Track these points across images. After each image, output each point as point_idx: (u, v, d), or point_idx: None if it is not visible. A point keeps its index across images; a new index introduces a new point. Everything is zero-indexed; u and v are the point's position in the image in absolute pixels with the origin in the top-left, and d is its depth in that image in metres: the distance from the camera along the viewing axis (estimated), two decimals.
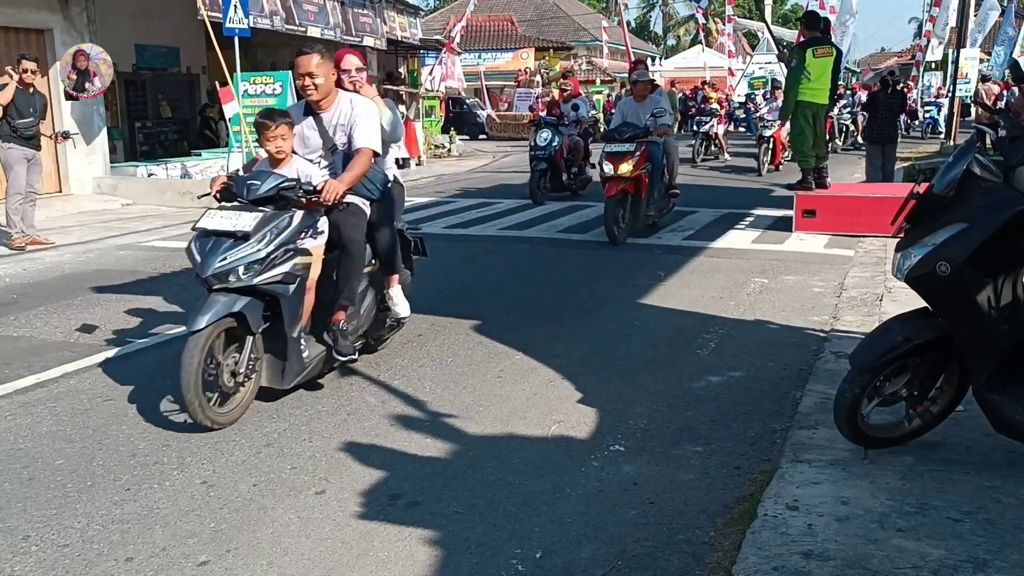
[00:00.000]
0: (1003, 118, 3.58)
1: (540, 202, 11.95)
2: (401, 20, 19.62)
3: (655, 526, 3.12)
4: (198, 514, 3.27)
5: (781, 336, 5.53)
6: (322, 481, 3.54)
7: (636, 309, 6.31)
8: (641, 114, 9.12)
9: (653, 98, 9.28)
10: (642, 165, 8.60)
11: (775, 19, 45.99)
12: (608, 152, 8.62)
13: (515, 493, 3.40)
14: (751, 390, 4.55)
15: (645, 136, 8.79)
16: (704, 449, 3.81)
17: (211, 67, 17.05)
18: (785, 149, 16.41)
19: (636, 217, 8.87)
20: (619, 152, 8.57)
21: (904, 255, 3.28)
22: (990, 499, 3.07)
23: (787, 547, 2.78)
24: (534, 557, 2.93)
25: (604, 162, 8.59)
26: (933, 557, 2.69)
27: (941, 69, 30.53)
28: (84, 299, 6.75)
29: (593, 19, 43.45)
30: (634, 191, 8.68)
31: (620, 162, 8.48)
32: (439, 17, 37.50)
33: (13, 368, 5.01)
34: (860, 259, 7.82)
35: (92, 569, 2.90)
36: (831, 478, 3.28)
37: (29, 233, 9.18)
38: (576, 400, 4.44)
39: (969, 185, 3.14)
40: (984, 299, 3.10)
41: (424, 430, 4.06)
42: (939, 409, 3.49)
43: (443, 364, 5.06)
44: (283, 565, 2.91)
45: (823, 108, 9.55)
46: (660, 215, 9.40)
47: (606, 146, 8.77)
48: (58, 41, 12.35)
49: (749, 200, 12.06)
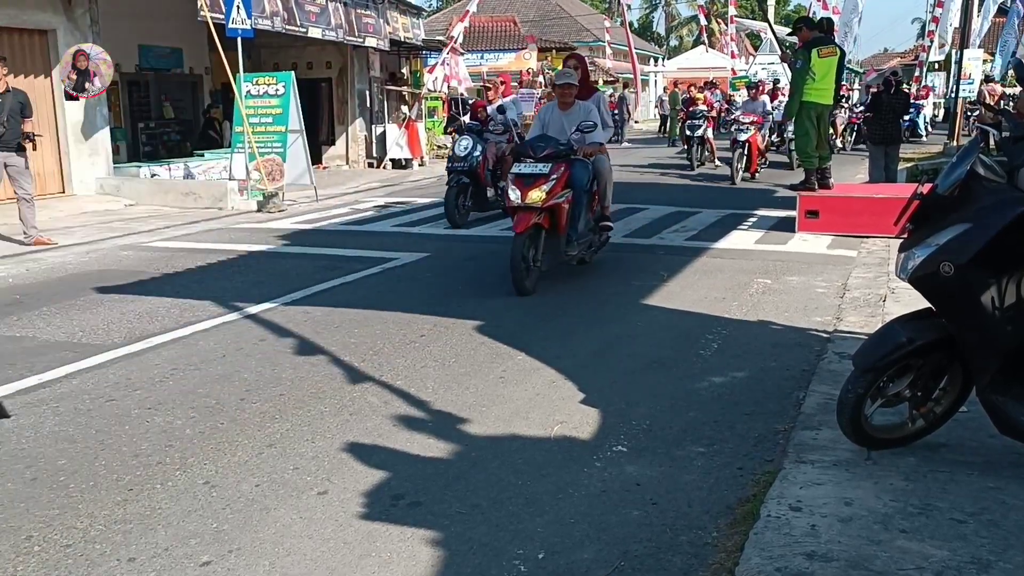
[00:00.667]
0: (1006, 118, 3.57)
1: (459, 225, 9.95)
2: (404, 21, 19.62)
3: (658, 527, 3.12)
4: (200, 514, 3.27)
5: (784, 337, 5.52)
6: (324, 481, 3.53)
7: (639, 310, 6.31)
8: (566, 126, 7.16)
9: (584, 106, 7.35)
10: (559, 192, 6.72)
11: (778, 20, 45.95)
12: (516, 175, 6.79)
13: (518, 494, 3.40)
14: (754, 391, 4.54)
15: (568, 154, 6.93)
16: (707, 450, 3.80)
17: (214, 68, 17.08)
18: (762, 155, 15.74)
19: (553, 257, 7.05)
20: (530, 175, 6.73)
21: (908, 255, 3.27)
22: (994, 500, 3.06)
23: (790, 548, 2.77)
24: (537, 558, 2.93)
25: (511, 187, 6.78)
26: (936, 558, 2.68)
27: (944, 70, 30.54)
28: (87, 300, 6.76)
29: (596, 20, 43.50)
30: (549, 225, 6.83)
31: (530, 187, 6.63)
32: (442, 18, 37.53)
33: (16, 368, 5.02)
34: (863, 260, 7.81)
35: (95, 569, 2.90)
36: (834, 479, 3.28)
37: (31, 234, 9.19)
38: (579, 401, 4.43)
39: (973, 185, 3.13)
40: (988, 299, 3.10)
41: (427, 430, 4.06)
42: (942, 410, 3.48)
43: (445, 364, 5.06)
44: (285, 565, 2.91)
45: (827, 108, 9.57)
46: (589, 253, 7.53)
47: (515, 166, 6.94)
48: (61, 42, 12.36)
49: (749, 201, 12.04)
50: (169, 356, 5.25)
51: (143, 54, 16.23)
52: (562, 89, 7.36)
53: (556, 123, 7.29)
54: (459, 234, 9.70)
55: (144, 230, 10.38)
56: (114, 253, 8.95)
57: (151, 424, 4.16)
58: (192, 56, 17.37)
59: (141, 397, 4.54)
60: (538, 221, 6.67)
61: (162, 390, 4.63)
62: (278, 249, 9.03)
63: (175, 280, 7.50)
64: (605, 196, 7.57)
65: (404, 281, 7.40)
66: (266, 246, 9.11)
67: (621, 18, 33.04)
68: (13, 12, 11.68)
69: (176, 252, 8.83)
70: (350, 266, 7.89)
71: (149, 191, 13.06)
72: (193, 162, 14.88)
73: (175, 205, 12.48)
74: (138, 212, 12.05)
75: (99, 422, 4.20)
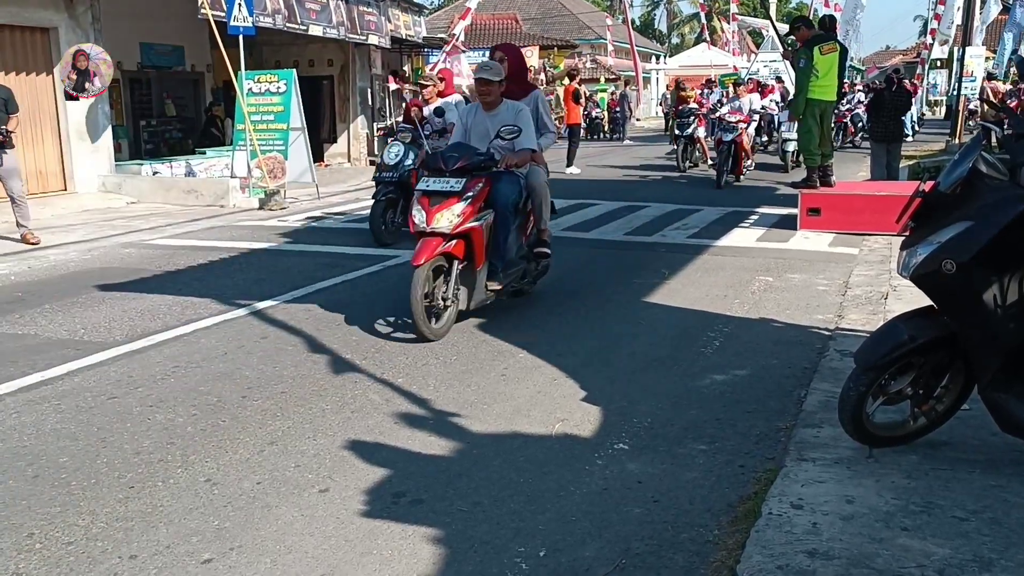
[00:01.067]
0: (1009, 115, 3.56)
1: (387, 244, 8.60)
2: (405, 18, 19.63)
3: (659, 524, 3.12)
4: (202, 512, 3.27)
5: (786, 334, 5.51)
6: (326, 479, 3.54)
7: (640, 307, 6.31)
8: (491, 131, 5.78)
9: (511, 107, 5.96)
10: (475, 213, 5.47)
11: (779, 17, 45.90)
12: (423, 192, 5.53)
13: (519, 491, 3.40)
14: (756, 388, 4.54)
15: (489, 166, 5.69)
16: (708, 447, 3.80)
17: (216, 65, 17.07)
18: (748, 157, 14.86)
19: (471, 294, 5.65)
20: (439, 192, 5.44)
21: (910, 253, 3.27)
22: (996, 498, 3.06)
23: (792, 546, 2.77)
24: (538, 555, 2.93)
25: (415, 207, 5.50)
26: (938, 556, 2.68)
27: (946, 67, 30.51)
28: (88, 297, 6.76)
29: (597, 17, 43.47)
30: (464, 254, 5.51)
31: (439, 208, 5.36)
32: (443, 15, 37.51)
33: (18, 366, 5.02)
34: (865, 257, 7.80)
35: (96, 567, 2.90)
36: (836, 477, 3.28)
37: (20, 231, 9.19)
38: (580, 398, 4.43)
39: (975, 183, 3.13)
40: (990, 297, 3.09)
41: (428, 428, 4.06)
42: (944, 408, 3.48)
43: (447, 362, 5.06)
44: (287, 563, 2.91)
45: (831, 105, 9.58)
46: (524, 284, 6.25)
47: (422, 181, 5.66)
48: (63, 40, 12.37)
49: (752, 199, 12.03)
50: (171, 354, 5.25)
51: (145, 52, 16.23)
52: (480, 86, 5.95)
53: (480, 128, 5.94)
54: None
55: (146, 228, 10.38)
56: (116, 251, 8.95)
57: (152, 422, 4.16)
58: (194, 54, 17.38)
59: (143, 395, 4.54)
60: (447, 250, 5.38)
61: (163, 387, 4.64)
62: (280, 247, 9.03)
63: (177, 278, 7.51)
64: (541, 216, 6.20)
65: (406, 279, 7.37)
66: (268, 244, 9.11)
67: (623, 15, 33.04)
68: (15, 10, 11.68)
69: (178, 250, 8.84)
70: (352, 264, 7.89)
71: (151, 189, 13.06)
72: (195, 160, 14.89)
73: (177, 203, 12.49)
74: (140, 210, 12.05)
75: (101, 419, 4.20)
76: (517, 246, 6.00)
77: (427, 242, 5.33)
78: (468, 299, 5.62)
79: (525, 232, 6.18)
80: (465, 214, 5.40)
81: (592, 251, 8.49)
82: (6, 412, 4.31)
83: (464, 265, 5.53)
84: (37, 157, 12.32)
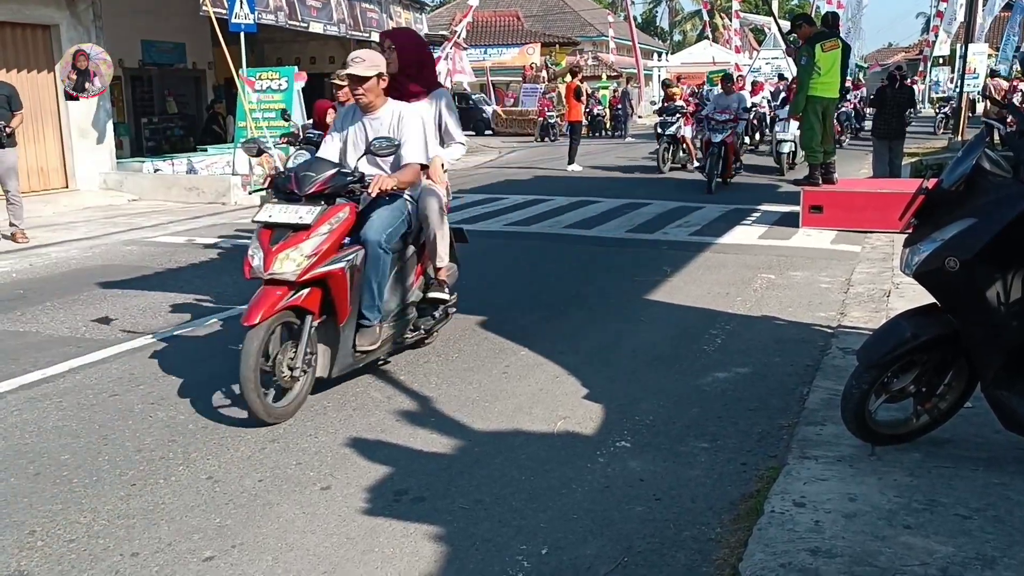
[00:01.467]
0: (1012, 112, 3.55)
1: None
2: (407, 16, 19.60)
3: (661, 522, 3.11)
4: (203, 509, 3.27)
5: (788, 332, 5.51)
6: (327, 477, 3.53)
7: (642, 305, 6.30)
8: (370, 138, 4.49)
9: (394, 109, 4.63)
10: (331, 253, 4.11)
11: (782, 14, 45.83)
12: (262, 224, 4.20)
13: (521, 489, 3.39)
14: (758, 386, 4.53)
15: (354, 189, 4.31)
16: (710, 445, 3.79)
17: (217, 63, 17.08)
18: (737, 159, 13.81)
19: (334, 357, 4.28)
20: (283, 224, 4.13)
21: (912, 250, 3.26)
22: (999, 496, 3.05)
23: (794, 544, 2.76)
24: (540, 553, 2.92)
25: (252, 246, 4.16)
26: (941, 554, 2.67)
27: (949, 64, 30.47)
28: (90, 294, 6.76)
29: (599, 14, 43.42)
30: (319, 308, 4.14)
31: (281, 246, 4.04)
32: (445, 12, 37.49)
33: (20, 363, 5.02)
34: (867, 255, 7.79)
35: (98, 564, 2.90)
36: (838, 474, 3.27)
37: (10, 229, 9.16)
38: (582, 396, 4.43)
39: (978, 180, 3.12)
40: (993, 295, 3.08)
41: (429, 426, 4.05)
42: (947, 405, 3.47)
43: (448, 360, 5.05)
44: (288, 561, 2.91)
45: (833, 103, 9.56)
46: (413, 339, 4.92)
47: (263, 209, 4.28)
48: (64, 37, 12.37)
49: (754, 197, 12.02)
50: (172, 351, 5.25)
51: (146, 49, 16.24)
52: (350, 84, 4.64)
53: (358, 136, 4.66)
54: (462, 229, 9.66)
55: (147, 225, 10.38)
56: (117, 248, 8.95)
57: (154, 419, 4.16)
58: (195, 51, 17.38)
59: (144, 392, 4.54)
60: (295, 303, 4.01)
61: (165, 385, 4.63)
62: None
63: (178, 275, 7.51)
64: (435, 252, 4.85)
65: None
66: None
67: (625, 13, 33.00)
68: (16, 7, 11.68)
69: (179, 247, 8.84)
70: None
71: (152, 186, 13.07)
72: (196, 157, 14.89)
73: (178, 200, 12.49)
74: (141, 207, 12.06)
75: (102, 417, 4.20)
76: (402, 292, 4.73)
77: (266, 293, 3.97)
78: (330, 364, 4.26)
79: (416, 272, 4.88)
80: (319, 254, 4.01)
81: (593, 249, 8.48)
82: (7, 410, 4.31)
83: (323, 320, 4.19)
84: (38, 154, 12.33)
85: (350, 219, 4.25)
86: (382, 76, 4.58)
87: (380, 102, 4.65)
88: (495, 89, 32.52)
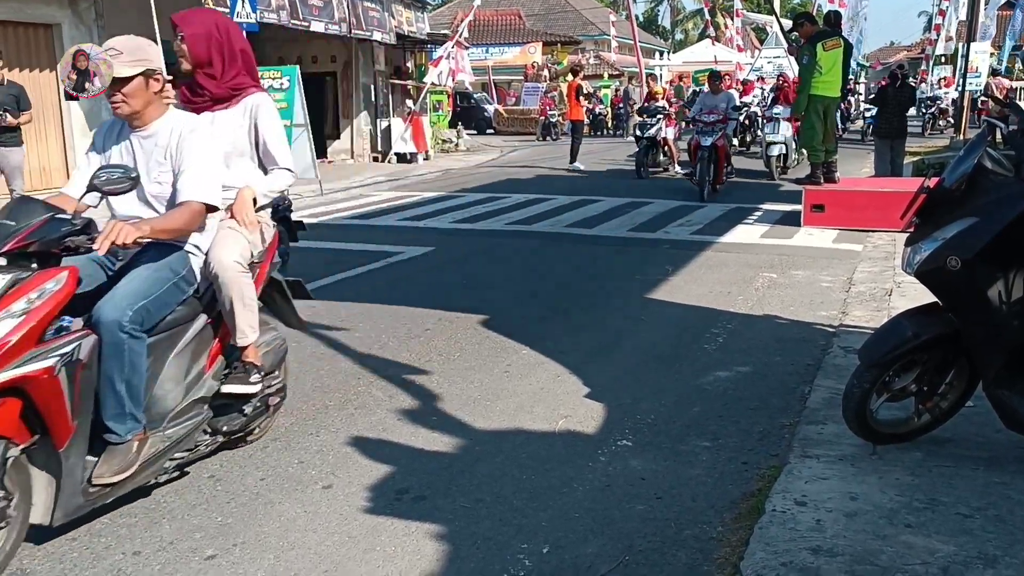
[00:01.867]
0: (1014, 112, 3.55)
1: None
2: (408, 15, 19.59)
3: (662, 521, 3.11)
4: (205, 508, 3.27)
5: (789, 331, 5.50)
6: (329, 475, 3.54)
7: (644, 304, 6.30)
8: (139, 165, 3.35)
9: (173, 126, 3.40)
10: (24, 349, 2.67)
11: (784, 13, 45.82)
12: None
13: (522, 488, 3.40)
14: (759, 385, 4.53)
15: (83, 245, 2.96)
16: (712, 444, 3.79)
17: None
18: (728, 162, 12.72)
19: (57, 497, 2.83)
20: None
21: (914, 249, 3.26)
22: (1000, 495, 3.05)
23: (795, 543, 2.77)
24: (541, 552, 2.93)
25: None
26: (942, 553, 2.67)
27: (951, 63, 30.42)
28: None
29: (601, 13, 43.36)
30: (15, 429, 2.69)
31: None
32: (446, 11, 37.47)
33: None
34: (869, 254, 7.78)
35: (100, 563, 2.90)
36: (839, 473, 3.27)
37: None
38: (583, 395, 4.43)
39: (980, 179, 3.12)
40: (994, 294, 3.08)
41: (431, 425, 4.06)
42: (948, 405, 3.47)
43: (450, 359, 5.05)
44: (289, 559, 2.92)
45: (834, 101, 9.56)
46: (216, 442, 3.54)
47: None
48: (66, 36, 12.37)
49: (756, 196, 12.01)
50: None
51: None
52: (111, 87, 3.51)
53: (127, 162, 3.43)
54: (463, 228, 9.69)
55: None
56: None
57: None
58: None
59: None
60: None
61: None
62: None
63: None
64: (235, 327, 3.43)
65: (409, 275, 7.40)
66: None
67: (626, 11, 32.96)
68: (17, 6, 11.69)
69: None
70: (355, 260, 7.88)
71: None
72: None
73: None
74: None
75: None
76: (185, 384, 3.31)
77: None
78: (52, 507, 2.85)
79: (210, 353, 3.44)
80: (3, 348, 2.63)
81: (595, 248, 8.47)
82: None
83: (33, 445, 2.78)
84: (40, 153, 12.33)
85: (66, 290, 2.82)
86: (154, 75, 3.39)
87: (154, 112, 3.39)
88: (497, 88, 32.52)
